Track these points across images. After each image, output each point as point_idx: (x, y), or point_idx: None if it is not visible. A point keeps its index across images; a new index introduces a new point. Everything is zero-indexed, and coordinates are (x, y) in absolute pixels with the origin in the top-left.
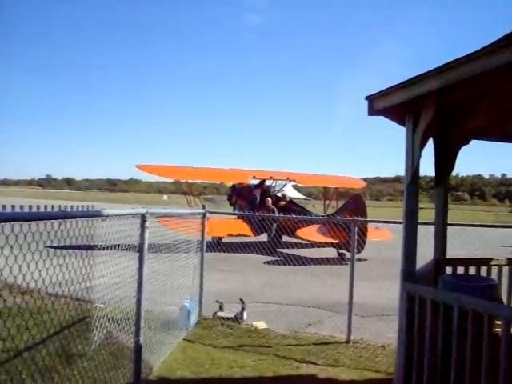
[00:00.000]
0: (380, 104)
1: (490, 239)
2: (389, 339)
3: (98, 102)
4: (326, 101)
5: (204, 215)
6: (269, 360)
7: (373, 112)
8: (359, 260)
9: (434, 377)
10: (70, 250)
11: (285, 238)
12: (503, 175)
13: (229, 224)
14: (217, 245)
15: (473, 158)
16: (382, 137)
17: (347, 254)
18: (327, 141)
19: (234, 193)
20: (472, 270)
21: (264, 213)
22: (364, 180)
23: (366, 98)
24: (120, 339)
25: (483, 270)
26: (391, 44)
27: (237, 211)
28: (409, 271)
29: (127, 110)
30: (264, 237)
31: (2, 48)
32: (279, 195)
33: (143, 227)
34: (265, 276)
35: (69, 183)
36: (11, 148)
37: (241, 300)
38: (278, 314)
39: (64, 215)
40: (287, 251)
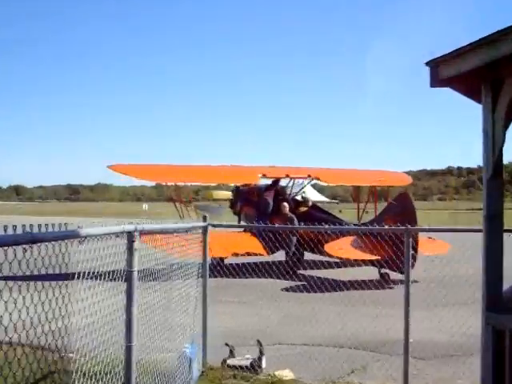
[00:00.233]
0: (448, 71)
1: None
2: None
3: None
4: (353, 73)
5: (206, 229)
6: None
7: (437, 82)
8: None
9: None
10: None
11: (308, 256)
12: None
13: (233, 239)
14: (218, 268)
15: None
16: (428, 118)
17: (391, 274)
18: (356, 126)
19: (239, 198)
20: None
21: (280, 223)
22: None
23: (429, 64)
24: None
25: None
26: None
27: (242, 222)
28: (493, 296)
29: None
30: (280, 255)
31: None
32: (299, 198)
33: (131, 250)
34: (284, 307)
35: (18, 192)
36: None
37: (258, 342)
38: (307, 359)
39: (31, 239)
40: (312, 273)
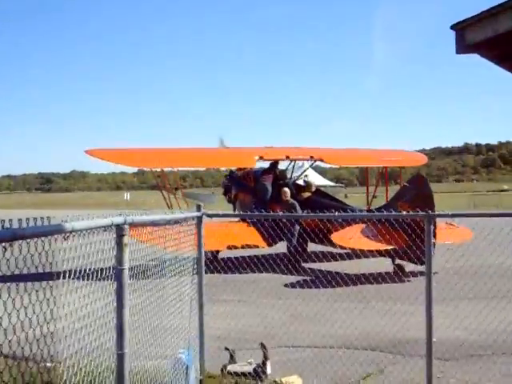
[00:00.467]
0: (476, 35)
1: None
2: None
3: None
4: (358, 43)
5: (200, 220)
6: None
7: (463, 48)
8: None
9: None
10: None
11: (312, 247)
12: None
13: (228, 230)
14: (212, 262)
15: None
16: (442, 90)
17: (407, 266)
18: (362, 102)
19: (233, 183)
20: None
21: (280, 211)
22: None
23: (454, 28)
24: None
25: None
26: None
27: (237, 211)
28: None
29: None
30: (282, 246)
31: None
32: (301, 183)
33: (121, 245)
34: (289, 306)
35: None
36: None
37: (261, 345)
38: (317, 363)
39: (12, 235)
40: (317, 266)
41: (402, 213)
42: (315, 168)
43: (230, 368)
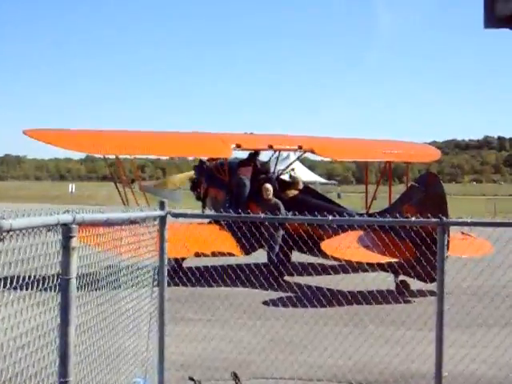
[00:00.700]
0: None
1: None
2: None
3: None
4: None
5: (163, 220)
6: None
7: (493, 21)
8: (434, 293)
9: None
10: None
11: (299, 257)
12: None
13: (197, 234)
14: (176, 272)
15: None
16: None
17: (414, 283)
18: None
19: (203, 176)
20: None
21: (260, 212)
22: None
23: None
24: None
25: None
26: None
27: (208, 210)
28: None
29: None
30: (261, 255)
31: None
32: (286, 178)
33: (68, 249)
34: (269, 328)
35: None
36: None
37: (234, 375)
38: None
39: None
40: (305, 280)
41: (410, 219)
42: (303, 161)
43: None
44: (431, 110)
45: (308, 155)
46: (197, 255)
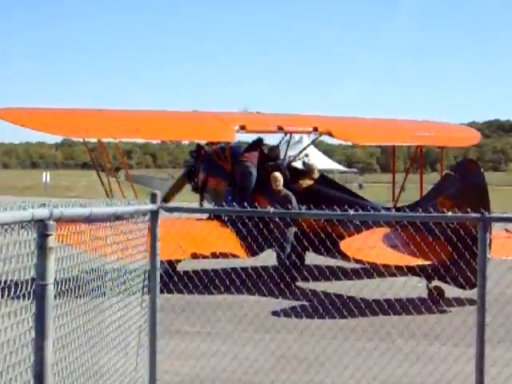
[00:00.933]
0: None
1: None
2: None
3: None
4: None
5: (155, 216)
6: None
7: None
8: (473, 301)
9: None
10: None
11: (312, 259)
12: None
13: (194, 232)
14: (170, 277)
15: None
16: (498, 38)
17: (449, 290)
18: (385, 51)
19: (201, 164)
20: None
21: (268, 205)
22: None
23: None
24: None
25: None
26: None
27: (206, 203)
28: None
29: None
30: (270, 257)
31: None
32: (299, 166)
33: (44, 249)
34: (279, 343)
35: None
36: None
37: None
38: None
39: None
40: (321, 286)
41: (446, 213)
42: (319, 145)
43: None
44: (470, 87)
45: (324, 138)
46: (194, 257)
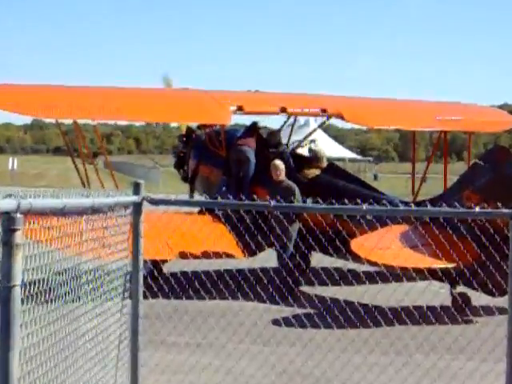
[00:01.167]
0: None
1: None
2: None
3: None
4: None
5: (138, 208)
6: None
7: None
8: (504, 310)
9: None
10: None
11: (319, 260)
12: None
13: (183, 228)
14: (155, 279)
15: None
16: None
17: (476, 297)
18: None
19: (193, 150)
20: None
21: (268, 198)
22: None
23: None
24: None
25: None
26: None
27: (198, 195)
28: None
29: None
30: (271, 257)
31: None
32: (304, 153)
33: (10, 246)
34: (280, 356)
35: None
36: None
37: None
38: None
39: None
40: (329, 291)
41: (473, 209)
42: (328, 130)
43: None
44: (501, 64)
45: (334, 122)
46: (183, 256)
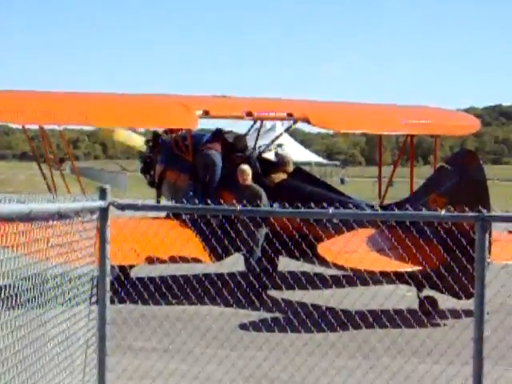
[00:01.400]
0: None
1: None
2: None
3: None
4: None
5: (105, 213)
6: None
7: None
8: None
9: None
10: None
11: (286, 264)
12: None
13: (150, 233)
14: (122, 284)
15: None
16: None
17: (443, 300)
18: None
19: (159, 154)
20: None
21: (237, 202)
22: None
23: None
24: None
25: None
26: None
27: (165, 199)
28: None
29: None
30: (238, 262)
31: None
32: (270, 157)
33: None
34: (247, 361)
35: None
36: None
37: None
38: None
39: None
40: (296, 295)
41: (439, 212)
42: (294, 134)
43: None
44: (468, 68)
45: (301, 126)
46: (150, 261)
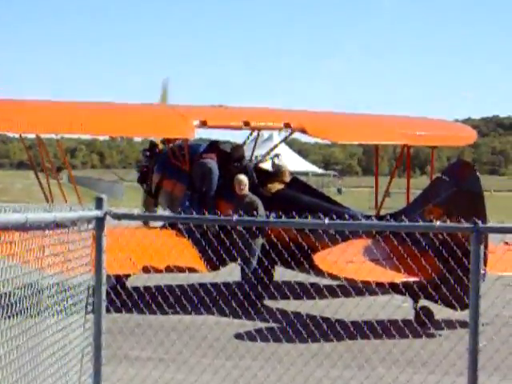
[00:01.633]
0: None
1: None
2: None
3: None
4: None
5: (101, 223)
6: None
7: None
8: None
9: None
10: None
11: (282, 274)
12: None
13: (146, 243)
14: (118, 294)
15: None
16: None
17: (438, 311)
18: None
19: (156, 164)
20: None
21: (233, 212)
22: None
23: None
24: None
25: None
26: None
27: (161, 209)
28: None
29: None
30: (234, 272)
31: None
32: (267, 167)
33: None
34: (243, 371)
35: None
36: None
37: None
38: None
39: None
40: (292, 305)
41: (435, 223)
42: (291, 144)
43: None
44: (465, 79)
45: (298, 136)
46: (146, 271)
